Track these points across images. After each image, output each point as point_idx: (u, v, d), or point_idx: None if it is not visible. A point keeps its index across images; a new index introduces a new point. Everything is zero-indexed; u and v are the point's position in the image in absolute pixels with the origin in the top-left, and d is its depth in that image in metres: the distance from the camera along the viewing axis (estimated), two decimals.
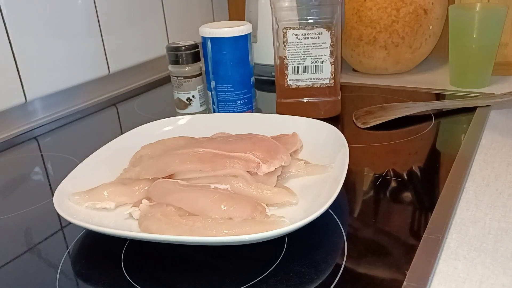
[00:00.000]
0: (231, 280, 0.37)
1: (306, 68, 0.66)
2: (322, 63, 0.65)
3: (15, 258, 0.42)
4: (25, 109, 0.76)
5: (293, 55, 0.65)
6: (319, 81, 0.66)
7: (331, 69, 0.65)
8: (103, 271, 0.39)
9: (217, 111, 0.68)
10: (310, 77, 0.66)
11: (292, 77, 0.66)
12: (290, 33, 0.64)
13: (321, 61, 0.65)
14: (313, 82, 0.66)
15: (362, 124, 0.65)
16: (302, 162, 0.51)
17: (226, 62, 0.65)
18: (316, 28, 0.63)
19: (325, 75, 0.66)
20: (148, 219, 0.41)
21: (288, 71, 0.66)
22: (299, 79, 0.66)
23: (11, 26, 0.70)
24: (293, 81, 0.67)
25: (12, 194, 0.55)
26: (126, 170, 0.52)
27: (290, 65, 0.66)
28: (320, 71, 0.65)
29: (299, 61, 0.65)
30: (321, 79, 0.66)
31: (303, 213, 0.42)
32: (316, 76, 0.66)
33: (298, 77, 0.66)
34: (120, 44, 0.88)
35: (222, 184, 0.45)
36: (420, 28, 0.82)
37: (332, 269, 0.37)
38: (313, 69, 0.65)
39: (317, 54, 0.65)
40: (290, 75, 0.66)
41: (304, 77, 0.66)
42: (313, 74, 0.66)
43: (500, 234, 0.41)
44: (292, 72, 0.66)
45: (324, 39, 0.64)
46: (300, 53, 0.65)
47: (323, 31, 0.63)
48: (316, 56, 0.65)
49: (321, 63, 0.65)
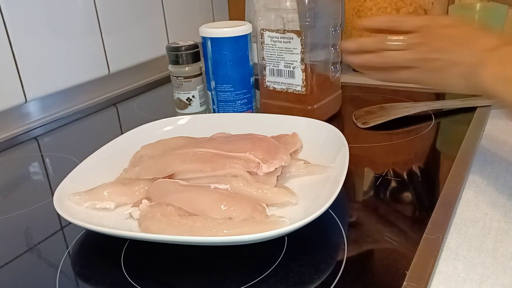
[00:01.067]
0: (231, 280, 0.37)
1: (280, 71, 0.65)
2: (294, 69, 0.64)
3: (15, 258, 0.42)
4: (25, 109, 0.76)
5: (269, 57, 0.65)
6: (291, 86, 0.65)
7: (302, 76, 0.63)
8: (103, 271, 0.39)
9: (217, 111, 0.68)
10: (284, 81, 0.65)
11: (269, 78, 0.67)
12: (266, 35, 0.64)
13: (293, 67, 0.64)
14: (287, 87, 0.66)
15: (362, 124, 0.65)
16: (302, 162, 0.51)
17: (226, 62, 0.65)
18: (287, 32, 0.62)
19: (296, 82, 0.64)
20: (148, 219, 0.41)
21: (266, 72, 0.67)
22: (275, 81, 0.66)
23: (11, 26, 0.70)
24: (270, 83, 0.67)
25: (12, 194, 0.55)
26: (126, 170, 0.52)
27: (268, 67, 0.66)
28: (292, 76, 0.64)
29: (275, 64, 0.65)
30: (293, 85, 0.65)
31: (303, 213, 0.42)
32: (289, 81, 0.65)
33: (274, 80, 0.66)
34: (120, 44, 0.88)
35: (222, 184, 0.45)
36: None
37: (332, 269, 0.37)
38: (286, 73, 0.65)
39: (289, 59, 0.64)
40: (268, 77, 0.67)
41: (279, 81, 0.66)
42: (286, 79, 0.65)
43: (500, 234, 0.41)
44: (269, 74, 0.66)
45: (295, 45, 0.62)
46: (275, 56, 0.65)
47: (294, 36, 0.62)
48: (289, 61, 0.64)
49: (293, 68, 0.64)
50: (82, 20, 0.80)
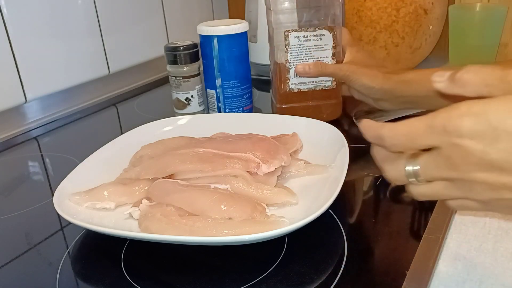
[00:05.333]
0: (231, 279, 0.37)
1: None
2: None
3: (15, 258, 0.42)
4: (25, 109, 0.76)
5: (295, 58, 0.64)
6: (321, 83, 0.65)
7: None
8: (103, 271, 0.39)
9: (223, 108, 0.69)
10: (312, 80, 0.65)
11: (293, 81, 0.65)
12: (292, 36, 0.63)
13: None
14: (315, 85, 0.65)
15: None
16: (302, 162, 0.51)
17: (234, 58, 0.66)
18: (318, 29, 0.63)
19: (327, 78, 0.65)
20: (148, 219, 0.41)
21: (289, 75, 0.65)
22: (301, 82, 0.65)
23: (11, 26, 0.69)
24: (295, 85, 0.65)
25: (12, 194, 0.55)
26: (126, 170, 0.52)
27: (292, 69, 0.65)
28: None
29: None
30: (323, 82, 0.65)
31: (303, 213, 0.42)
32: (318, 79, 0.65)
33: (300, 81, 0.65)
34: (120, 44, 0.88)
35: (222, 184, 0.45)
36: (420, 28, 0.82)
37: (332, 269, 0.37)
38: None
39: (319, 56, 0.64)
40: (292, 79, 0.65)
41: (306, 80, 0.65)
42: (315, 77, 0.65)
43: (500, 234, 0.41)
44: (294, 76, 0.65)
45: (326, 41, 0.63)
46: (302, 55, 0.64)
47: (325, 33, 0.63)
48: (318, 58, 0.64)
49: None
50: (82, 20, 0.80)
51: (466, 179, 0.29)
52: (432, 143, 0.30)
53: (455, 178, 0.30)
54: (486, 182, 0.28)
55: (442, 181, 0.31)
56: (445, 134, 0.28)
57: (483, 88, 0.30)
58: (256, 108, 0.75)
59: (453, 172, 0.29)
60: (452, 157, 0.29)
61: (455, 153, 0.28)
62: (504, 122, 0.27)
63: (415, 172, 0.32)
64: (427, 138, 0.30)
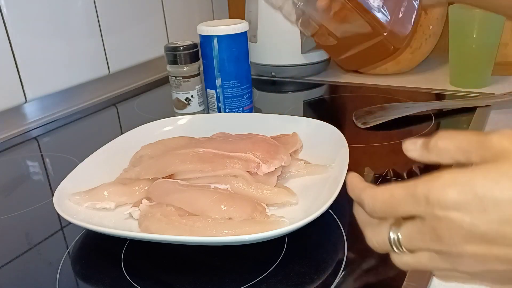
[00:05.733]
0: (231, 280, 0.37)
1: None
2: None
3: (15, 258, 0.42)
4: (25, 109, 0.76)
5: None
6: None
7: None
8: (103, 271, 0.39)
9: (223, 108, 0.69)
10: None
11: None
12: None
13: None
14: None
15: (362, 124, 0.65)
16: (302, 162, 0.51)
17: (234, 58, 0.66)
18: None
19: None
20: (148, 219, 0.41)
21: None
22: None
23: (11, 26, 0.69)
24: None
25: (12, 194, 0.55)
26: (126, 170, 0.52)
27: None
28: None
29: None
30: None
31: (303, 213, 0.42)
32: None
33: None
34: (120, 44, 0.88)
35: (222, 184, 0.45)
36: (420, 28, 0.82)
37: (332, 269, 0.37)
38: None
39: None
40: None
41: None
42: None
43: None
44: None
45: None
46: None
47: None
48: None
49: None
50: (82, 20, 0.80)
51: (454, 251, 0.27)
52: (414, 213, 0.27)
53: (442, 250, 0.27)
54: (476, 255, 0.26)
55: (427, 252, 0.29)
56: (428, 205, 0.26)
57: (460, 154, 0.28)
58: (256, 108, 0.75)
59: (439, 244, 0.27)
60: (437, 229, 0.26)
61: (440, 225, 0.26)
62: (491, 192, 0.25)
63: (398, 240, 0.29)
64: (408, 208, 0.27)
